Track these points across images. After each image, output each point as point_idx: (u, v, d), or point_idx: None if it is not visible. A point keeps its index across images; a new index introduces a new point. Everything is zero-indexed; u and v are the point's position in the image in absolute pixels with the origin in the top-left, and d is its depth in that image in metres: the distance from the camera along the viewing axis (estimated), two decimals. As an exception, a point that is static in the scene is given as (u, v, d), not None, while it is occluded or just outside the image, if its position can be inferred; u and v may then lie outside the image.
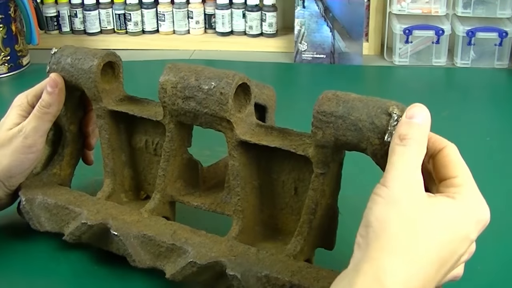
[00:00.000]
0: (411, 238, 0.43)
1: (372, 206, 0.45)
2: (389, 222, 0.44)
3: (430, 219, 0.44)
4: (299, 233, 0.58)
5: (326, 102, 0.53)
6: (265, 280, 0.55)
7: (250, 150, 0.61)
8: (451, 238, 0.45)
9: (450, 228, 0.45)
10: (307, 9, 1.28)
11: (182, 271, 0.58)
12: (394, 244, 0.43)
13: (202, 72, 0.61)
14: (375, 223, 0.44)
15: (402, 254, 0.43)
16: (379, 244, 0.43)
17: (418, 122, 0.47)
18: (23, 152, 0.66)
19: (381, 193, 0.45)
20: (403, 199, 0.44)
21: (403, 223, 0.44)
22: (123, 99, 0.69)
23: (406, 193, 0.45)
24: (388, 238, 0.43)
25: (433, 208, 0.45)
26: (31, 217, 0.68)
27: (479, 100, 1.14)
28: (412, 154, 0.46)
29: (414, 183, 0.45)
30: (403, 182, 0.45)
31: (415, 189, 0.45)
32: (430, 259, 0.43)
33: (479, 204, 0.47)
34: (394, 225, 0.44)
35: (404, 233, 0.43)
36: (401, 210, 0.44)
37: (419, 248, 0.43)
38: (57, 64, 0.69)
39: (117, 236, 0.61)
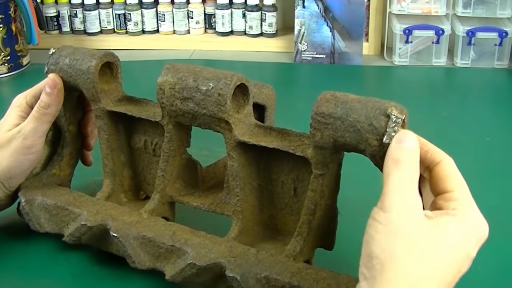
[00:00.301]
0: (418, 266, 0.43)
1: (373, 234, 0.45)
2: (394, 252, 0.43)
3: (434, 244, 0.44)
4: (298, 233, 0.58)
5: (324, 103, 0.53)
6: (265, 281, 0.55)
7: (249, 150, 0.61)
8: (455, 259, 0.45)
9: (454, 249, 0.45)
10: (307, 9, 1.28)
11: (182, 272, 0.58)
12: (402, 275, 0.43)
13: (200, 72, 0.61)
14: (381, 255, 0.44)
15: (411, 284, 0.43)
16: (387, 276, 0.43)
17: (408, 145, 0.48)
18: (23, 153, 0.66)
19: (381, 219, 0.45)
20: (405, 225, 0.44)
21: (409, 252, 0.43)
22: (121, 99, 0.69)
23: (406, 218, 0.45)
24: (395, 269, 0.43)
25: (436, 231, 0.45)
26: (31, 218, 0.68)
27: (479, 100, 1.13)
28: (407, 177, 0.46)
29: (413, 206, 0.45)
30: (402, 207, 0.45)
31: (415, 213, 0.45)
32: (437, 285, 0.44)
33: (479, 221, 0.47)
34: (400, 255, 0.43)
35: (411, 263, 0.43)
36: (405, 238, 0.44)
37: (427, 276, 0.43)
38: (55, 64, 0.69)
39: (116, 238, 0.61)
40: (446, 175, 0.48)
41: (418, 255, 0.44)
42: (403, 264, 0.43)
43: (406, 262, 0.43)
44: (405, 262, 0.43)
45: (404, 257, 0.43)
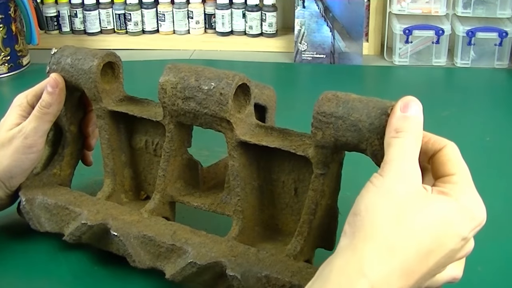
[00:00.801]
0: (396, 228, 0.43)
1: (363, 193, 0.45)
2: (376, 211, 0.44)
3: (419, 211, 0.44)
4: (299, 233, 0.58)
5: (326, 103, 0.53)
6: (265, 280, 0.55)
7: (250, 150, 0.61)
8: (440, 232, 0.44)
9: (440, 222, 0.44)
10: (307, 9, 1.28)
11: (182, 271, 0.58)
12: (377, 234, 0.43)
13: (202, 72, 0.61)
14: (364, 212, 0.44)
15: (384, 244, 0.43)
16: (363, 233, 0.44)
17: (412, 115, 0.48)
18: (24, 152, 0.66)
19: (376, 181, 0.45)
20: (395, 189, 0.44)
21: (390, 213, 0.44)
22: (123, 99, 0.69)
23: (400, 183, 0.45)
24: (372, 227, 0.43)
25: (426, 201, 0.45)
26: (31, 217, 0.68)
27: (479, 100, 1.13)
28: (409, 146, 0.46)
29: (410, 174, 0.45)
30: (398, 173, 0.45)
31: (411, 180, 0.45)
32: (413, 250, 0.43)
33: (475, 203, 0.46)
34: (380, 215, 0.44)
35: (388, 223, 0.43)
36: (390, 200, 0.44)
37: (402, 239, 0.43)
38: (57, 64, 0.69)
39: (117, 237, 0.61)
40: (447, 160, 0.48)
41: (398, 217, 0.43)
42: (380, 224, 0.43)
43: (387, 223, 0.43)
44: (386, 222, 0.43)
45: (386, 217, 0.44)
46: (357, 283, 0.42)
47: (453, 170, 0.47)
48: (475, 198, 0.47)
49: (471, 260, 0.49)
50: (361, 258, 0.43)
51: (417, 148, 0.47)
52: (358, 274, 0.42)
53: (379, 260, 0.42)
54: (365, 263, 0.42)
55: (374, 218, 0.44)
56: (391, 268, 0.43)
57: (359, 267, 0.42)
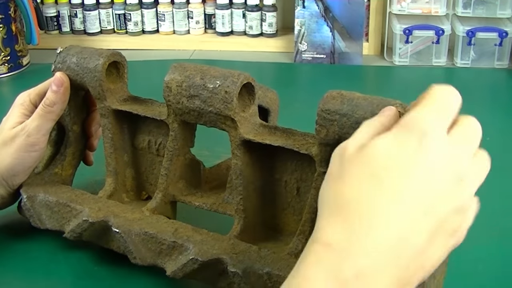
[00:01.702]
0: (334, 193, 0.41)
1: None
2: (322, 191, 0.42)
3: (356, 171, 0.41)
4: (300, 232, 0.58)
5: (330, 101, 0.53)
6: (267, 277, 0.55)
7: (253, 149, 0.61)
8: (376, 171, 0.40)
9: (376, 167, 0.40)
10: (307, 9, 1.28)
11: (183, 268, 0.58)
12: (325, 204, 0.41)
13: (207, 71, 0.61)
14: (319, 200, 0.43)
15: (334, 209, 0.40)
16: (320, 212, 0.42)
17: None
18: (26, 150, 0.67)
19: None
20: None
21: (329, 184, 0.42)
22: (127, 99, 0.70)
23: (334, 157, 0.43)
24: (321, 203, 0.42)
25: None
26: (32, 214, 0.68)
27: (479, 100, 1.13)
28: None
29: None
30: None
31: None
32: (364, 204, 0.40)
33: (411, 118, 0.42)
34: (324, 191, 0.42)
35: (329, 192, 0.41)
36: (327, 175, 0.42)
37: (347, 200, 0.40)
38: (62, 63, 0.69)
39: (118, 233, 0.62)
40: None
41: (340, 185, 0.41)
42: (327, 197, 0.41)
43: (328, 193, 0.41)
44: (328, 194, 0.41)
45: (328, 191, 0.42)
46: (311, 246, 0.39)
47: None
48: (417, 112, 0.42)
49: (471, 260, 0.50)
50: (315, 229, 0.40)
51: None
52: (312, 244, 0.39)
53: (329, 223, 0.40)
54: (317, 231, 0.40)
55: (321, 196, 0.42)
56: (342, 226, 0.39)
57: (313, 237, 0.40)
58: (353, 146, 0.42)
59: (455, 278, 0.54)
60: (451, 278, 0.51)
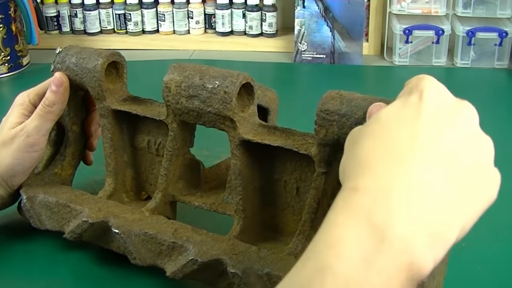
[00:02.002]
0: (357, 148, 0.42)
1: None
2: (347, 144, 0.43)
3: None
4: (300, 232, 0.58)
5: (330, 101, 0.54)
6: (266, 278, 0.55)
7: (253, 149, 0.61)
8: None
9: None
10: (307, 9, 1.28)
11: (183, 268, 0.58)
12: (352, 157, 0.42)
13: (206, 71, 0.61)
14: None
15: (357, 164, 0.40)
16: (346, 169, 0.42)
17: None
18: (25, 151, 0.66)
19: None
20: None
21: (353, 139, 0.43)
22: (126, 99, 0.70)
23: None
24: (347, 156, 0.42)
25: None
26: (32, 215, 0.68)
27: (479, 100, 1.11)
28: None
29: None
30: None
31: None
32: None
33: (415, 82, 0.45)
34: (348, 144, 0.43)
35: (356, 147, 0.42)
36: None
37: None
38: (61, 63, 0.69)
39: (118, 234, 0.62)
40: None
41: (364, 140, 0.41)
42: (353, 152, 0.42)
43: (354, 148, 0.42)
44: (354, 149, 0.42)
45: (354, 146, 0.42)
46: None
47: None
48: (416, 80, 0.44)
49: (471, 260, 0.49)
50: (343, 179, 0.41)
51: None
52: (344, 191, 0.39)
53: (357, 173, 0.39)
54: (346, 179, 0.40)
55: (347, 149, 0.42)
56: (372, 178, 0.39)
57: (344, 186, 0.40)
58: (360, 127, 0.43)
59: (455, 278, 0.54)
60: (451, 278, 0.51)
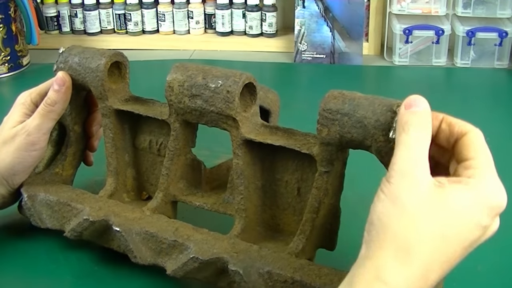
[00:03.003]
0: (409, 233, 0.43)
1: (376, 203, 0.45)
2: (389, 221, 0.44)
3: (432, 214, 0.44)
4: (301, 231, 0.58)
5: (332, 100, 0.54)
6: (267, 276, 0.55)
7: (255, 149, 0.61)
8: (457, 226, 0.44)
9: (456, 216, 0.44)
10: (307, 9, 1.28)
11: (184, 266, 0.58)
12: (391, 241, 0.44)
13: (209, 71, 0.61)
14: (376, 222, 0.45)
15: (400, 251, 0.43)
16: (380, 242, 0.44)
17: (417, 109, 0.47)
18: (26, 150, 0.67)
19: (385, 189, 0.45)
20: (404, 195, 0.44)
21: (402, 220, 0.44)
22: (128, 99, 0.70)
23: (407, 188, 0.45)
24: (386, 235, 0.44)
25: (437, 201, 0.44)
26: (33, 213, 0.68)
27: (479, 100, 1.13)
28: (415, 140, 0.46)
29: (417, 174, 0.45)
30: (405, 176, 0.45)
31: (418, 181, 0.45)
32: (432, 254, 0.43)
33: (494, 189, 0.45)
34: (393, 223, 0.44)
35: (401, 229, 0.44)
36: (401, 207, 0.44)
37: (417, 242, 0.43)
38: (64, 63, 0.69)
39: (119, 232, 0.62)
40: (469, 144, 0.47)
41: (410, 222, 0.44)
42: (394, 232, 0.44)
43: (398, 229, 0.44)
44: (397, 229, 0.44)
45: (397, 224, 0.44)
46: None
47: (473, 154, 0.46)
48: (494, 183, 0.46)
49: (471, 260, 0.49)
50: (378, 266, 0.43)
51: (425, 141, 0.46)
52: (377, 282, 0.43)
53: (396, 265, 0.43)
54: (382, 269, 0.43)
55: (387, 227, 0.44)
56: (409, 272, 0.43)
57: (377, 274, 0.43)
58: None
59: (455, 278, 0.54)
60: (451, 278, 0.51)
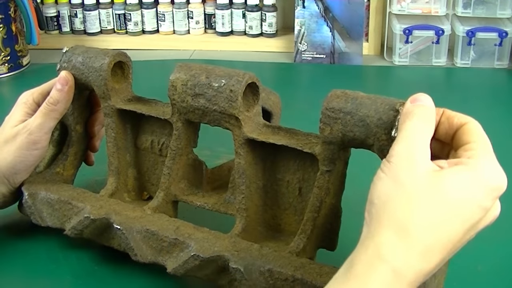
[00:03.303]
0: (409, 211, 0.44)
1: (376, 182, 0.46)
2: (387, 198, 0.45)
3: (432, 194, 0.44)
4: (302, 231, 0.58)
5: (335, 99, 0.54)
6: (268, 274, 0.55)
7: (257, 149, 0.61)
8: (457, 207, 0.44)
9: (457, 197, 0.44)
10: (307, 9, 1.28)
11: (185, 264, 0.58)
12: (391, 219, 0.44)
13: (212, 70, 0.61)
14: (376, 201, 0.45)
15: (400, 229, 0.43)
16: (379, 221, 0.44)
17: (422, 103, 0.48)
18: (28, 148, 0.67)
19: (385, 169, 0.46)
20: (403, 175, 0.45)
21: (402, 199, 0.44)
22: (131, 99, 0.70)
23: (407, 168, 0.45)
24: (386, 214, 0.44)
25: (437, 182, 0.44)
26: (33, 212, 0.68)
27: (479, 100, 1.14)
28: (417, 127, 0.47)
29: (417, 157, 0.45)
30: (405, 157, 0.45)
31: (418, 163, 0.45)
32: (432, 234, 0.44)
33: (493, 170, 0.45)
34: (393, 202, 0.44)
35: (401, 208, 0.44)
36: (401, 186, 0.45)
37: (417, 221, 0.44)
38: (68, 62, 0.70)
39: (119, 230, 0.62)
40: (468, 131, 0.48)
41: (410, 202, 0.44)
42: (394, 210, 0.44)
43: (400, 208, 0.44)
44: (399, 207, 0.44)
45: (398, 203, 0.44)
46: (378, 268, 0.43)
47: (472, 139, 0.47)
48: (494, 165, 0.46)
49: (471, 260, 0.50)
50: (379, 244, 0.43)
51: (427, 131, 0.47)
52: (377, 259, 0.43)
53: (396, 243, 0.43)
54: (383, 248, 0.43)
55: (387, 205, 0.44)
56: (409, 250, 0.43)
57: (378, 252, 0.43)
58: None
59: (455, 278, 0.54)
60: (451, 278, 0.52)
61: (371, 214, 0.45)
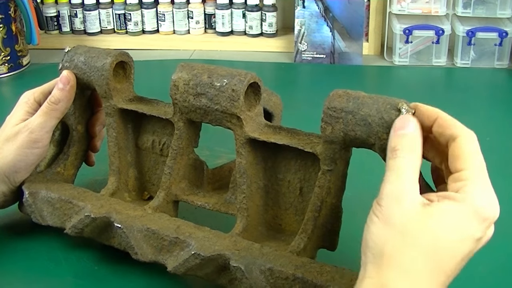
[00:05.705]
0: (405, 252, 0.44)
1: (369, 225, 0.47)
2: (383, 242, 0.45)
3: (422, 230, 0.45)
4: (303, 230, 0.58)
5: (336, 99, 0.54)
6: (269, 273, 0.55)
7: (258, 148, 0.61)
8: (450, 241, 0.45)
9: (448, 232, 0.45)
10: (307, 9, 1.28)
11: (185, 263, 0.58)
12: (390, 262, 0.45)
13: (214, 70, 0.62)
14: (371, 243, 0.46)
15: (398, 269, 0.44)
16: (379, 265, 0.45)
17: (405, 132, 0.48)
18: (28, 147, 0.67)
19: (377, 212, 0.46)
20: (394, 217, 0.45)
21: (396, 240, 0.45)
22: (132, 99, 0.70)
23: (397, 209, 0.46)
24: (385, 259, 0.45)
25: (426, 217, 0.45)
26: (33, 210, 0.68)
27: (479, 100, 1.14)
28: (404, 164, 0.47)
29: (406, 196, 0.46)
30: (395, 197, 0.46)
31: (407, 202, 0.46)
32: (427, 267, 0.44)
33: (484, 200, 0.46)
34: (388, 245, 0.45)
35: (397, 250, 0.45)
36: (392, 227, 0.45)
37: (413, 260, 0.44)
38: (70, 61, 0.70)
39: (120, 229, 0.62)
40: (460, 153, 0.47)
41: (407, 241, 0.44)
42: (392, 253, 0.45)
43: (396, 250, 0.44)
44: (395, 250, 0.44)
45: (391, 245, 0.45)
46: None
47: (463, 165, 0.47)
48: (485, 193, 0.46)
49: (471, 260, 0.49)
50: (381, 286, 0.44)
51: (413, 163, 0.47)
52: None
53: (398, 283, 0.44)
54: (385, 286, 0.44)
55: (383, 249, 0.45)
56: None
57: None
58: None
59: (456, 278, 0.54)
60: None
61: (368, 257, 0.46)
